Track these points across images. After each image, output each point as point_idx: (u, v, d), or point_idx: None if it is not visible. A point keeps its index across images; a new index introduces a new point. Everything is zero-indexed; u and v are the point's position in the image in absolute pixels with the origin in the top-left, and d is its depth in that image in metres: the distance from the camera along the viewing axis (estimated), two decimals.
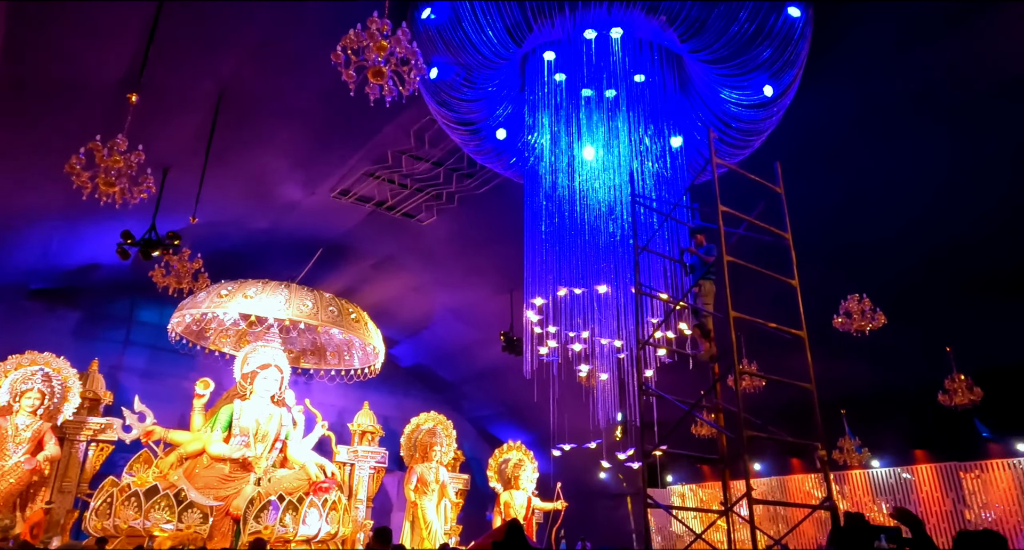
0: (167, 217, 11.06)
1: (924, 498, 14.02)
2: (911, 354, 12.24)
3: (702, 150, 8.65)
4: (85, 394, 14.20)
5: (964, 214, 10.16)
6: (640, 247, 6.71)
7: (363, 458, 17.40)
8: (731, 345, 6.29)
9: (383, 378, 20.29)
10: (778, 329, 6.12)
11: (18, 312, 15.12)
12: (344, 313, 15.42)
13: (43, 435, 12.73)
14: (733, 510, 6.35)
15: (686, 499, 18.91)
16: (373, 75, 5.02)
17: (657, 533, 19.30)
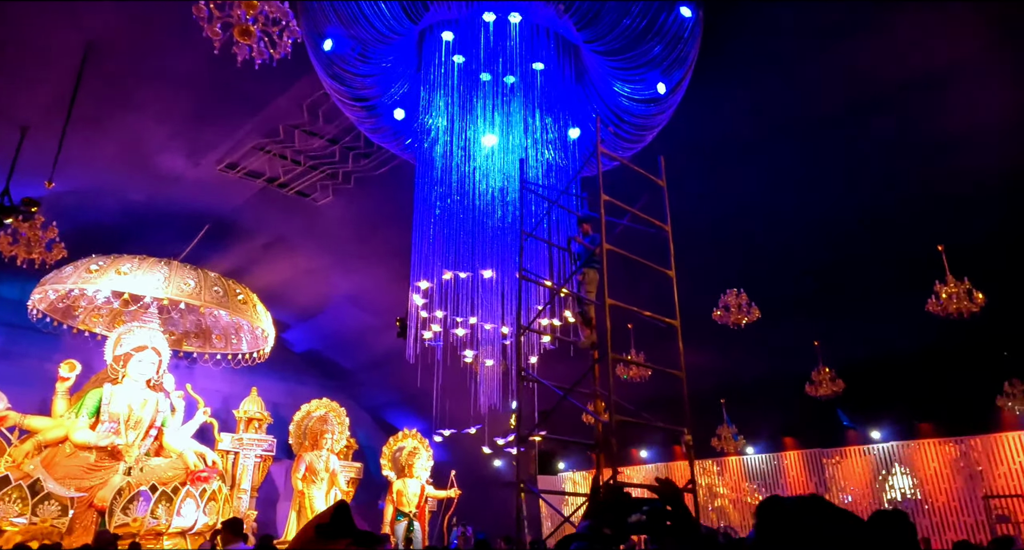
0: (25, 182, 10.05)
1: (791, 482, 15.02)
2: (784, 348, 13.02)
3: None
4: None
5: (835, 217, 10.85)
6: (526, 233, 6.69)
7: (248, 446, 16.67)
8: (614, 333, 6.40)
9: (274, 364, 19.51)
10: (652, 317, 6.27)
11: None
12: (230, 294, 14.65)
13: None
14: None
15: (577, 485, 19.37)
16: (239, 33, 4.66)
17: (547, 518, 19.70)
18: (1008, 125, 9.02)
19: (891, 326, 11.84)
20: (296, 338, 19.71)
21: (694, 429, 15.38)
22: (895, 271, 10.78)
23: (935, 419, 13.12)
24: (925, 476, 13.36)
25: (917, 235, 10.02)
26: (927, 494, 13.31)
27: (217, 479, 15.07)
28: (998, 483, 12.48)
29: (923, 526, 13.23)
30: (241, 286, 15.43)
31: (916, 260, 10.27)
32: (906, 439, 13.57)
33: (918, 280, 10.06)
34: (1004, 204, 9.80)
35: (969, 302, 8.88)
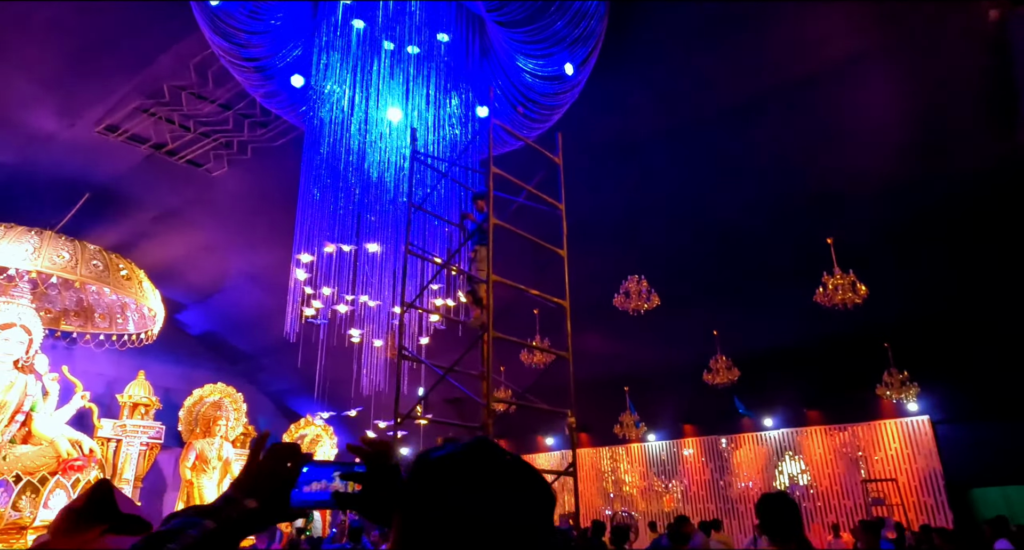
0: None
1: (690, 468, 15.40)
2: (685, 336, 13.26)
3: (502, 119, 8.48)
4: None
5: (732, 209, 11.05)
6: (415, 206, 6.35)
7: (132, 433, 15.62)
8: (519, 318, 6.21)
9: (167, 346, 18.37)
10: (541, 297, 6.08)
11: None
12: (112, 269, 13.55)
13: None
14: None
15: None
16: None
17: None
18: (891, 123, 9.39)
19: (784, 317, 12.23)
20: (192, 319, 18.59)
21: (598, 416, 15.55)
22: (789, 263, 11.11)
23: (822, 407, 13.72)
24: (812, 462, 13.97)
25: (809, 228, 10.33)
26: (813, 479, 13.93)
27: (95, 468, 14.03)
28: (875, 468, 13.19)
29: (808, 509, 13.84)
30: (126, 261, 14.32)
31: (808, 253, 10.60)
32: (796, 426, 14.14)
33: (810, 272, 10.38)
34: (886, 200, 10.24)
35: (853, 293, 9.23)
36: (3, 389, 12.96)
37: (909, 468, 12.88)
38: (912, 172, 10.27)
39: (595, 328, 14.28)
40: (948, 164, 10.12)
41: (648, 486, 15.98)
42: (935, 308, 11.78)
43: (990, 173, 10.03)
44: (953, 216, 10.71)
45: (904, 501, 12.62)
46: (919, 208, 10.64)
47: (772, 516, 2.66)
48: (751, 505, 14.55)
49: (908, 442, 12.98)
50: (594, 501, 16.81)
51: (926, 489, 12.59)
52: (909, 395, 11.57)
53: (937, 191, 10.47)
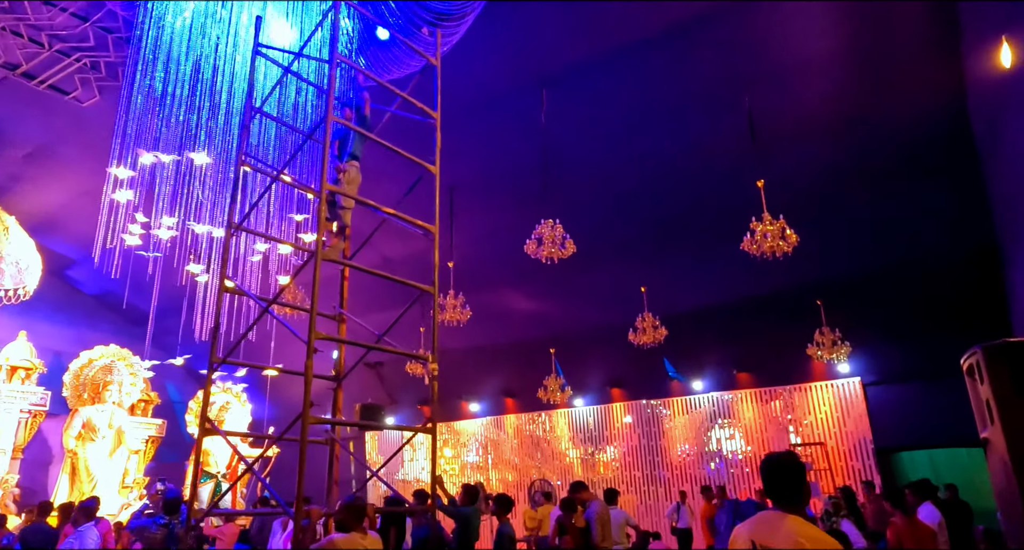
0: None
1: (617, 434, 14.75)
2: (613, 295, 12.45)
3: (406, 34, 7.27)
4: None
5: (661, 154, 10.17)
6: (255, 109, 5.18)
7: (10, 399, 14.08)
8: (439, 271, 5.12)
9: (58, 306, 16.76)
10: (404, 220, 5.03)
11: None
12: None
13: None
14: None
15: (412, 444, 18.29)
16: None
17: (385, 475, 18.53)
18: (832, 54, 8.58)
19: (714, 273, 11.51)
20: (84, 276, 16.93)
21: (525, 380, 14.67)
22: (719, 212, 10.31)
23: (753, 369, 13.14)
24: (743, 426, 13.45)
25: (740, 173, 9.51)
26: (745, 443, 13.42)
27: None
28: (804, 431, 12.73)
29: (737, 477, 13.34)
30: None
31: (740, 201, 9.78)
32: (727, 389, 13.56)
33: (741, 225, 9.55)
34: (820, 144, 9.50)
35: (782, 241, 8.47)
36: None
37: (839, 432, 12.44)
38: (850, 113, 9.54)
39: (517, 287, 13.36)
40: (888, 106, 9.40)
41: (579, 453, 15.28)
42: (869, 263, 11.21)
43: (931, 116, 9.36)
44: (890, 165, 10.06)
45: (832, 466, 12.18)
46: (855, 154, 9.95)
47: (779, 479, 2.41)
48: (679, 472, 14.00)
49: (839, 405, 12.52)
50: (527, 469, 16.08)
51: (855, 453, 12.17)
52: (840, 355, 11.01)
53: (876, 136, 9.78)
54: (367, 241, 5.98)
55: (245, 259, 8.17)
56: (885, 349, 12.01)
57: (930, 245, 10.80)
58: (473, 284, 12.06)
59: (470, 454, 17.34)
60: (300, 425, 3.90)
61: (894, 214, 10.76)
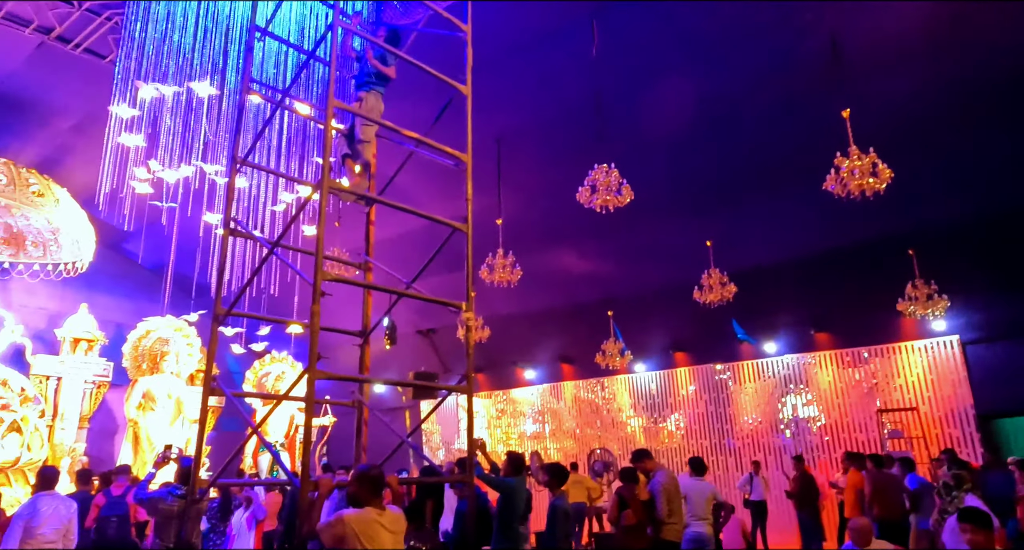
0: None
1: (682, 401, 13.89)
2: (675, 251, 11.51)
3: None
4: None
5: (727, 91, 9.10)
6: (259, 29, 4.54)
7: (74, 370, 14.35)
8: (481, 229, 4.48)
9: (117, 279, 16.94)
10: (433, 147, 4.33)
11: None
12: (18, 183, 11.98)
13: None
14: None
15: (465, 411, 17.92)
16: None
17: (442, 446, 18.33)
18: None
19: (788, 222, 10.40)
20: (144, 249, 17.03)
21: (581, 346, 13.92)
22: (795, 153, 9.20)
23: (833, 329, 11.99)
24: (820, 391, 12.37)
25: (820, 105, 8.36)
26: (821, 411, 12.37)
27: (29, 407, 12.84)
28: (893, 396, 11.56)
29: (816, 445, 12.32)
30: (40, 176, 12.73)
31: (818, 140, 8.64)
32: (803, 351, 12.47)
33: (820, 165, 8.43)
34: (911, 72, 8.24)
35: (873, 179, 7.36)
36: None
37: (934, 396, 11.21)
38: (950, 35, 8.22)
39: (572, 245, 12.55)
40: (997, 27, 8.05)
41: (640, 421, 14.52)
42: (970, 207, 9.88)
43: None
44: (996, 96, 8.70)
45: (926, 433, 11.02)
46: (955, 84, 8.64)
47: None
48: (750, 441, 13.07)
49: (933, 367, 11.27)
50: (586, 438, 15.45)
51: (952, 419, 10.95)
52: (937, 310, 9.79)
53: (982, 63, 8.43)
54: (393, 178, 5.30)
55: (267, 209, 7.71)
56: (987, 303, 10.69)
57: None
58: (524, 244, 11.31)
59: (527, 423, 16.84)
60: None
61: (999, 152, 9.40)
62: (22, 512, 5.83)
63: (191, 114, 6.00)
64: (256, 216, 7.56)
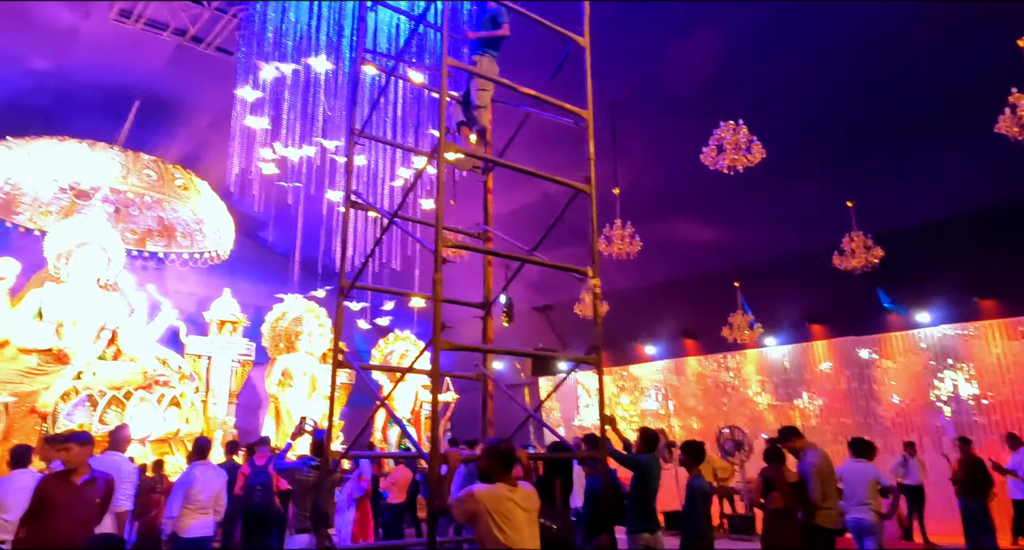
0: None
1: (820, 377, 12.87)
2: (809, 214, 10.57)
3: None
4: None
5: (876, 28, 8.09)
6: None
7: (221, 350, 15.54)
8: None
9: (254, 265, 18.10)
10: (558, 110, 4.07)
11: None
12: (166, 179, 12.95)
13: None
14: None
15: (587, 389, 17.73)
16: None
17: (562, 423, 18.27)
18: None
19: (944, 175, 9.20)
20: (275, 236, 18.09)
21: (705, 319, 13.25)
22: (953, 94, 8.06)
23: (1002, 295, 10.56)
24: (985, 366, 11.00)
25: (983, 37, 7.24)
26: (986, 388, 11.01)
27: (188, 383, 14.02)
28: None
29: (978, 426, 11.02)
30: (185, 171, 13.71)
31: (984, 75, 7.52)
32: (963, 321, 11.11)
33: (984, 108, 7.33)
34: None
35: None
36: (86, 307, 12.96)
37: None
38: None
39: (694, 213, 11.87)
40: None
41: (771, 400, 13.66)
42: None
43: None
44: None
45: None
46: None
47: None
48: (901, 420, 11.90)
49: None
50: (711, 417, 14.80)
51: None
52: None
53: None
54: (511, 141, 5.08)
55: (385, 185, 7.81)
56: None
57: None
58: (643, 213, 10.82)
59: (648, 401, 16.39)
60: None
61: None
62: (183, 479, 6.33)
63: (310, 92, 6.14)
64: (374, 192, 7.70)
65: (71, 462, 4.18)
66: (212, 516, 6.13)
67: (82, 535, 3.92)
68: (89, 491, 4.18)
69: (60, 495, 4.10)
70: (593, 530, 4.84)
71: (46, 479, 4.26)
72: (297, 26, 5.81)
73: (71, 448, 4.19)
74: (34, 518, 4.07)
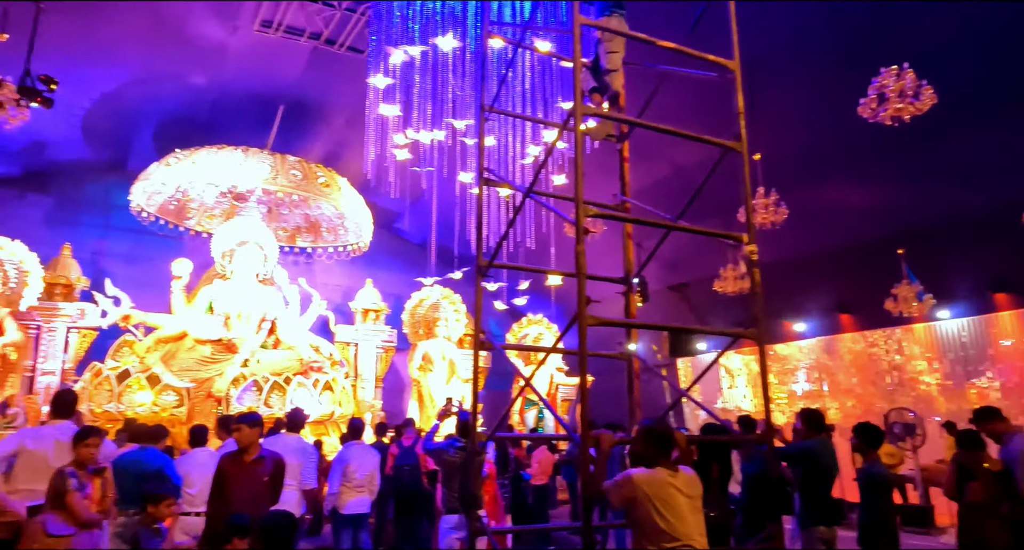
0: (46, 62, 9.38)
1: (1005, 354, 11.29)
2: (987, 166, 9.22)
3: None
4: (54, 279, 13.56)
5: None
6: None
7: (367, 337, 16.42)
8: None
9: (392, 255, 18.91)
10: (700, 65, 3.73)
11: None
12: (310, 177, 13.74)
13: (1, 321, 12.17)
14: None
15: (729, 370, 16.90)
16: None
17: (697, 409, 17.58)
18: None
19: None
20: (410, 226, 18.78)
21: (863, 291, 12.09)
22: None
23: None
24: None
25: None
26: None
27: (337, 369, 14.91)
28: None
29: None
30: (325, 169, 14.49)
31: None
32: None
33: None
34: None
35: None
36: (248, 301, 14.13)
37: None
38: None
39: (847, 175, 10.80)
40: None
41: (937, 378, 12.24)
42: None
43: None
44: None
45: None
46: None
47: None
48: None
49: None
50: (869, 398, 13.56)
51: None
52: None
53: None
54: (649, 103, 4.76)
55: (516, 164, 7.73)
56: None
57: None
58: (788, 179, 10.01)
59: (798, 382, 15.32)
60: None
61: None
62: (340, 457, 6.67)
63: (438, 74, 6.19)
64: (506, 171, 7.66)
65: (242, 441, 4.47)
66: (368, 494, 6.41)
67: (255, 510, 4.19)
68: (258, 468, 4.45)
69: (233, 472, 4.40)
70: (752, 519, 4.48)
71: (223, 458, 4.59)
72: (423, 9, 5.86)
73: (242, 429, 4.48)
74: (215, 494, 4.41)
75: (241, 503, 4.25)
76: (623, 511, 2.85)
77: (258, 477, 4.44)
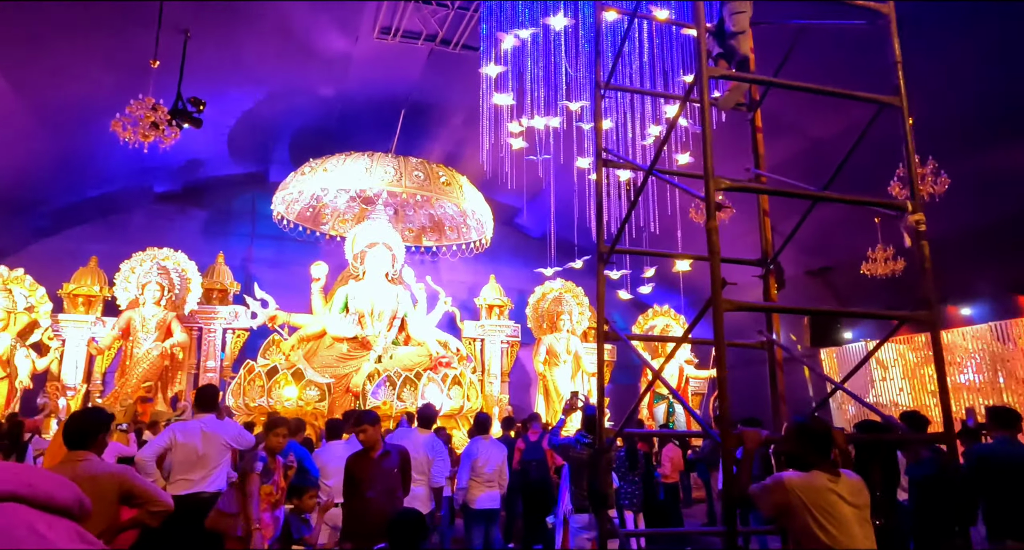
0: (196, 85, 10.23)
1: None
2: None
3: None
4: (211, 285, 14.84)
5: None
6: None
7: (492, 332, 16.63)
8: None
9: (513, 250, 19.00)
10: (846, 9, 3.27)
11: (152, 216, 16.06)
12: (432, 177, 14.08)
13: (169, 324, 13.48)
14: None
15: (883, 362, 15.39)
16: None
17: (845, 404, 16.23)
18: None
19: None
20: (530, 222, 18.79)
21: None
22: None
23: None
24: None
25: None
26: None
27: (464, 364, 15.22)
28: None
29: None
30: (446, 169, 14.79)
31: None
32: None
33: None
34: None
35: None
36: (380, 299, 14.75)
37: None
38: None
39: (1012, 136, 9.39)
40: None
41: None
42: None
43: None
44: None
45: None
46: None
47: None
48: None
49: None
50: None
51: None
52: None
53: None
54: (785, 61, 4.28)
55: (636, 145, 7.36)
56: None
57: None
58: (947, 146, 8.87)
59: (964, 373, 13.65)
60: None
61: None
62: (468, 452, 6.69)
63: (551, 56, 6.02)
64: (625, 154, 7.35)
65: (367, 440, 4.56)
66: (498, 489, 6.37)
67: (391, 503, 4.25)
68: (385, 462, 4.52)
69: (362, 470, 4.50)
70: (926, 529, 3.92)
71: (349, 459, 4.71)
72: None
73: (366, 429, 4.58)
74: (348, 492, 4.54)
75: (376, 499, 4.32)
76: (773, 519, 2.53)
77: (387, 471, 4.50)
